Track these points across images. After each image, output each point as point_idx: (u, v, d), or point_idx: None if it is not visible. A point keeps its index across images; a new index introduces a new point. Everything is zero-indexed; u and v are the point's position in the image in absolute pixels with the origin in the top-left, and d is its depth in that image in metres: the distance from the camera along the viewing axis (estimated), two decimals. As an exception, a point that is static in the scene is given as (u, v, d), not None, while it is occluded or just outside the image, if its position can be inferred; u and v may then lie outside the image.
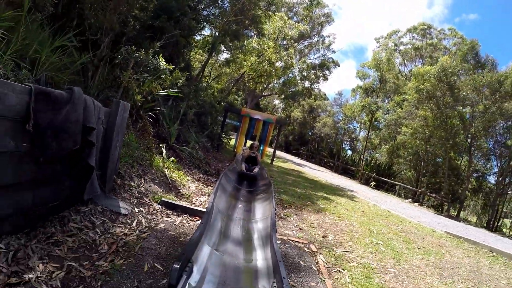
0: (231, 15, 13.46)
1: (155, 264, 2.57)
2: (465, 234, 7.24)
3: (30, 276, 2.12)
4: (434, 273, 3.88)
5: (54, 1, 4.62)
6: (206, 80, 18.85)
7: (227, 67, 20.50)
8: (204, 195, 5.12)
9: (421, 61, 29.69)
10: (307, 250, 3.71)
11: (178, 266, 1.86)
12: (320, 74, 36.08)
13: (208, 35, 16.47)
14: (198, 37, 16.41)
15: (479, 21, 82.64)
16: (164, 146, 5.96)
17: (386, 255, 4.14)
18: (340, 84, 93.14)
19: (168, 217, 3.56)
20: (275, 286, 2.06)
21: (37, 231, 2.59)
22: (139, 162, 4.51)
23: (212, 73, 20.96)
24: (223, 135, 13.00)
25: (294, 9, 33.42)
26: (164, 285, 2.33)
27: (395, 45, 31.73)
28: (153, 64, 5.72)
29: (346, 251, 3.96)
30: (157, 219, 3.44)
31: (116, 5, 5.63)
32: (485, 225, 15.86)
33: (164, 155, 5.64)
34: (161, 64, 5.82)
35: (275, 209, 4.34)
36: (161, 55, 5.95)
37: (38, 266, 2.25)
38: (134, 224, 3.16)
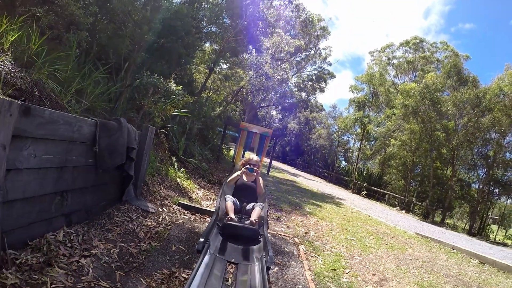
0: (231, 35, 14.63)
1: (179, 246, 3.59)
2: (437, 236, 8.21)
3: (96, 251, 3.10)
4: (393, 262, 4.90)
5: (88, 39, 5.71)
6: (207, 93, 19.97)
7: (226, 81, 21.63)
8: (210, 200, 6.17)
9: (414, 73, 31.03)
10: (292, 242, 4.74)
11: (203, 240, 2.89)
12: (317, 86, 37.44)
13: (209, 50, 17.54)
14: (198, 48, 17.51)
15: (474, 30, 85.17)
16: (174, 159, 7.01)
17: (355, 247, 5.17)
18: (338, 93, 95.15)
19: (184, 215, 4.61)
20: (263, 255, 3.08)
21: (93, 222, 3.59)
22: (157, 172, 5.56)
23: (212, 85, 22.07)
24: (223, 147, 14.07)
25: (292, 22, 34.74)
26: (188, 259, 3.35)
27: (389, 59, 33.13)
28: (165, 86, 6.80)
29: (323, 244, 5.00)
30: (177, 216, 4.48)
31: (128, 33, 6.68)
32: (468, 230, 16.87)
33: (175, 167, 6.68)
34: (172, 87, 6.89)
35: (268, 211, 5.35)
36: (172, 81, 7.03)
37: (100, 245, 3.25)
38: (160, 219, 4.19)
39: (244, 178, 4.56)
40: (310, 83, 37.04)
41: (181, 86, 7.31)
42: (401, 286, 3.95)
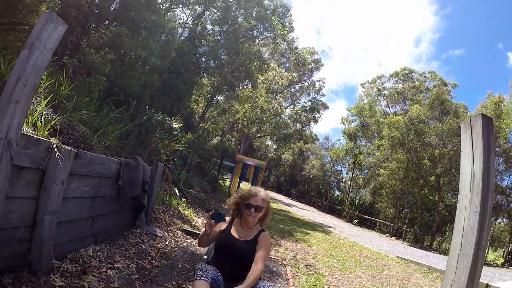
0: (228, 72, 15.78)
1: (184, 264, 4.32)
2: (418, 259, 8.69)
3: (118, 265, 3.81)
4: (369, 280, 5.59)
5: (106, 83, 6.62)
6: (204, 124, 20.95)
7: (223, 115, 22.68)
8: (208, 226, 6.89)
9: (405, 103, 32.36)
10: (280, 264, 5.46)
11: (206, 257, 3.64)
12: (311, 117, 38.76)
13: (206, 84, 18.53)
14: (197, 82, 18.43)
15: (464, 55, 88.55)
16: (176, 189, 7.77)
17: (336, 268, 5.87)
18: (332, 123, 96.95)
19: (187, 239, 5.34)
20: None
21: (113, 242, 4.32)
22: (162, 202, 6.32)
23: (209, 116, 23.02)
24: (219, 178, 14.86)
25: (286, 55, 36.39)
26: (192, 275, 4.04)
27: (379, 90, 34.60)
28: (169, 124, 7.70)
29: (308, 265, 5.70)
30: (181, 240, 5.21)
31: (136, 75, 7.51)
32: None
33: (177, 197, 7.44)
34: (175, 125, 7.80)
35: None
36: (174, 120, 7.94)
37: (120, 261, 3.97)
38: (167, 242, 4.92)
39: (234, 232, 2.58)
40: (304, 114, 38.35)
41: (181, 125, 8.18)
42: (372, 298, 4.66)
